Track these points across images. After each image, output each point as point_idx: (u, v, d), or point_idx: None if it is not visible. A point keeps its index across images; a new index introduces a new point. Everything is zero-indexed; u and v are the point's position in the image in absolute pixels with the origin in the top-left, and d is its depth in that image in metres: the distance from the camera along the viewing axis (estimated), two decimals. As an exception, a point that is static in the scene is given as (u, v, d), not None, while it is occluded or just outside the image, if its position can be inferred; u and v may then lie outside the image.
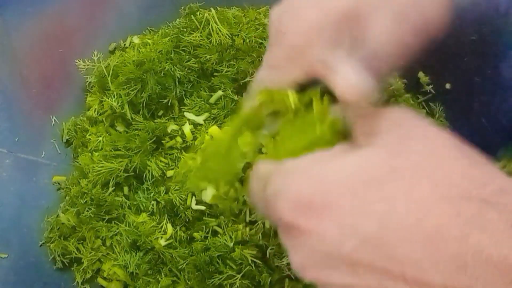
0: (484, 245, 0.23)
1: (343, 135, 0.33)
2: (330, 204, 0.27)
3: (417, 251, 0.24)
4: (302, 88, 0.36)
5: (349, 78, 0.32)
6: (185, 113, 0.60)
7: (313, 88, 0.35)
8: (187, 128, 0.59)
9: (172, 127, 0.59)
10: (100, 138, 0.61)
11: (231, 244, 0.52)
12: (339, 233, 0.26)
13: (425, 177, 0.26)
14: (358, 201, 0.26)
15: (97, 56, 0.65)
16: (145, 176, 0.57)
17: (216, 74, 0.61)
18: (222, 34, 0.62)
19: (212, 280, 0.51)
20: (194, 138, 0.58)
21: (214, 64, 0.61)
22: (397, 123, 0.30)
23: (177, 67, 0.61)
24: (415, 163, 0.26)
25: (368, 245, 0.25)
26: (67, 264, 0.57)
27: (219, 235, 0.54)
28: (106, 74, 0.62)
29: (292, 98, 0.35)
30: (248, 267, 0.52)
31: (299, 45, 0.35)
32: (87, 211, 0.57)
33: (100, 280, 0.56)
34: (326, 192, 0.27)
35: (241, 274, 0.51)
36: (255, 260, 0.52)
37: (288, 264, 0.52)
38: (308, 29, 0.34)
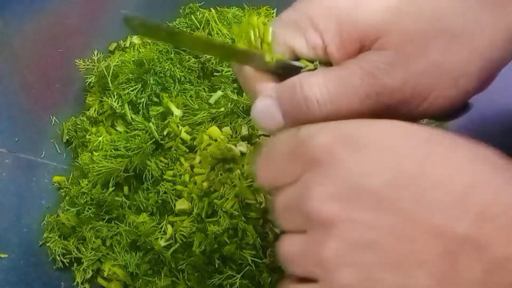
0: (507, 195, 0.24)
1: None
2: (368, 138, 0.27)
3: (444, 200, 0.25)
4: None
5: (258, 101, 0.32)
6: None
7: None
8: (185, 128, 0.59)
9: (172, 127, 0.59)
10: (100, 138, 0.61)
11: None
12: (374, 166, 0.26)
13: (461, 143, 0.27)
14: (396, 143, 0.27)
15: (97, 56, 0.65)
16: (145, 176, 0.57)
17: (216, 74, 0.61)
18: (222, 34, 0.62)
19: (212, 280, 0.51)
20: (193, 138, 0.58)
21: (214, 64, 0.61)
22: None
23: (177, 67, 0.61)
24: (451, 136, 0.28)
25: (399, 184, 0.26)
26: (67, 264, 0.57)
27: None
28: (106, 74, 0.62)
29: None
30: (248, 267, 0.51)
31: (312, 15, 0.33)
32: (87, 211, 0.57)
33: (100, 280, 0.56)
34: (366, 131, 0.28)
35: (241, 274, 0.51)
36: (255, 260, 0.52)
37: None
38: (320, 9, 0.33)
